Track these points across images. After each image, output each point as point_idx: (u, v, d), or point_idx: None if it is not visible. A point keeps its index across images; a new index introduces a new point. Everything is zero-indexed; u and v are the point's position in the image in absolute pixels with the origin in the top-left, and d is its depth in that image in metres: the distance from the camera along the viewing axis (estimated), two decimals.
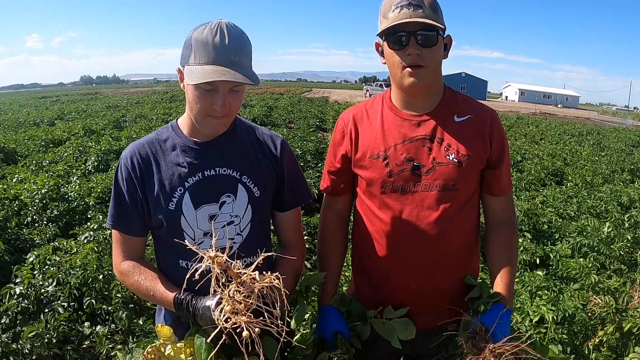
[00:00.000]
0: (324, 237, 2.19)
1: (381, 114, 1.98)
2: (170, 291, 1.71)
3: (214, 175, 1.78)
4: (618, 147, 18.74)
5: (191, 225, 1.76)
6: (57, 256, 4.55)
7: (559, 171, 11.48)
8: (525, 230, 6.26)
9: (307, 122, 19.72)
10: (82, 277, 4.06)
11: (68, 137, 14.08)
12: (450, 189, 1.86)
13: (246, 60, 1.64)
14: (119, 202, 1.78)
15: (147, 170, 1.75)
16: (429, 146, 1.89)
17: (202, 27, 1.62)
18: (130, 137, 12.84)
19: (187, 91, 1.67)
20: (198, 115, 1.67)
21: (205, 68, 1.57)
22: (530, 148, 15.15)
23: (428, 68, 1.80)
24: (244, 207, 1.82)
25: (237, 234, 1.82)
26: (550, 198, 8.21)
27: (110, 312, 3.95)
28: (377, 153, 1.93)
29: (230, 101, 1.64)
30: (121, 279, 1.85)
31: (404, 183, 1.89)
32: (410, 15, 1.74)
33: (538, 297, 4.17)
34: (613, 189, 9.26)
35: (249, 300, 1.39)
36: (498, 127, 1.94)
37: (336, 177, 2.09)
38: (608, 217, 7.08)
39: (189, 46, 1.62)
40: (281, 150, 1.92)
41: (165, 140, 1.81)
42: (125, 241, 1.82)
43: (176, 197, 1.74)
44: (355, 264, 2.19)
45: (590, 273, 4.76)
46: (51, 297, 4.07)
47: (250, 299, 1.39)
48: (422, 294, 1.97)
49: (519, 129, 23.25)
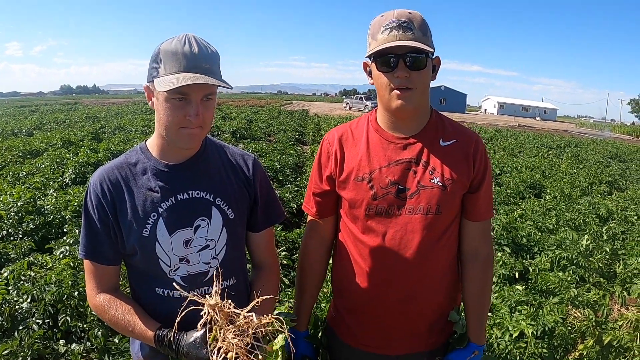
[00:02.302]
0: (304, 263, 2.18)
1: (367, 135, 1.97)
2: (149, 327, 1.66)
3: (187, 199, 1.73)
4: (596, 159, 19.02)
5: (166, 252, 1.70)
6: (32, 271, 4.46)
7: (538, 184, 11.59)
8: (504, 244, 6.29)
9: (287, 135, 19.70)
10: (57, 293, 3.98)
11: (46, 148, 13.87)
12: (435, 212, 1.85)
13: (216, 69, 1.62)
14: (90, 230, 1.71)
15: (119, 196, 1.69)
16: (414, 169, 1.87)
17: (169, 40, 1.60)
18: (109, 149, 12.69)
19: (157, 107, 1.63)
20: (170, 129, 1.62)
21: (177, 75, 1.53)
22: (509, 161, 15.29)
23: (416, 90, 1.79)
24: (219, 230, 1.78)
25: (213, 258, 1.77)
26: (529, 211, 8.27)
27: (86, 329, 3.87)
28: (362, 175, 1.91)
29: (204, 111, 1.60)
30: (97, 313, 1.77)
31: (388, 206, 1.87)
32: (400, 38, 1.73)
33: (517, 312, 4.19)
34: (591, 202, 9.39)
35: (244, 340, 1.36)
36: (482, 151, 1.93)
37: (321, 198, 2.06)
38: (586, 230, 7.16)
39: (157, 59, 1.59)
40: (253, 170, 1.89)
41: (135, 163, 1.75)
42: (98, 272, 1.74)
43: (150, 224, 1.69)
44: (336, 286, 2.17)
45: (569, 286, 4.80)
46: (26, 314, 4.00)
47: (244, 337, 1.36)
48: (402, 318, 1.95)
49: (497, 142, 23.50)
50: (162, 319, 1.68)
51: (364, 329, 2.03)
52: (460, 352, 1.99)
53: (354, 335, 2.07)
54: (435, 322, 2.00)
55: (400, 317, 1.95)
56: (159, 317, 1.70)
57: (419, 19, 1.78)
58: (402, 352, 2.00)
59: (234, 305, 1.41)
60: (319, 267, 2.17)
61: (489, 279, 2.06)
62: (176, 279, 1.72)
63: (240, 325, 1.37)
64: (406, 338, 1.99)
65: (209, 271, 1.74)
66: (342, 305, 2.12)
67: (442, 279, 1.96)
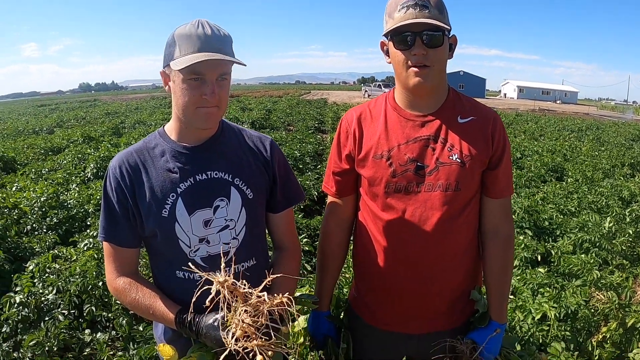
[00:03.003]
0: (325, 243, 2.19)
1: (385, 113, 1.97)
2: (170, 309, 1.68)
3: (205, 179, 1.75)
4: (618, 142, 18.71)
5: (186, 232, 1.72)
6: (57, 264, 4.54)
7: (559, 167, 11.46)
8: (526, 228, 6.23)
9: (306, 124, 19.73)
10: (82, 284, 4.05)
11: (67, 145, 14.05)
12: (454, 189, 1.85)
13: (230, 50, 1.65)
14: (110, 213, 1.74)
15: (137, 178, 1.72)
16: (433, 146, 1.88)
17: (182, 25, 1.63)
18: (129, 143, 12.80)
19: (174, 90, 1.66)
20: (188, 109, 1.65)
21: (193, 55, 1.56)
22: (529, 145, 15.12)
23: (433, 68, 1.79)
24: (238, 210, 1.79)
25: (233, 238, 1.79)
26: (550, 194, 8.19)
27: (111, 319, 3.94)
28: (380, 153, 1.91)
29: (219, 90, 1.63)
30: (117, 296, 1.80)
31: (407, 183, 1.88)
32: (417, 16, 1.72)
33: (540, 295, 4.16)
34: (614, 184, 9.25)
35: (257, 321, 1.38)
36: (500, 128, 1.93)
37: (341, 177, 2.07)
38: (609, 212, 7.06)
39: (172, 43, 1.63)
40: (271, 151, 1.90)
41: (153, 147, 1.78)
42: (118, 254, 1.77)
43: (169, 204, 1.71)
44: (357, 266, 2.18)
45: (592, 269, 4.75)
46: (51, 305, 4.06)
47: (258, 318, 1.37)
48: (422, 296, 1.96)
49: (518, 126, 23.25)
50: (183, 301, 1.69)
51: (384, 309, 2.05)
52: (482, 331, 1.99)
53: (375, 315, 2.08)
54: (456, 301, 2.01)
55: (420, 296, 1.96)
56: (181, 299, 1.72)
57: None
58: (424, 331, 2.01)
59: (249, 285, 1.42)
60: (340, 248, 2.18)
61: (510, 257, 2.05)
62: (196, 259, 1.74)
63: (253, 304, 1.38)
64: (427, 317, 2.00)
65: (229, 252, 1.75)
66: (363, 285, 2.14)
67: (463, 257, 1.96)
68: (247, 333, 1.36)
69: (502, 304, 2.02)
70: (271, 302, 1.38)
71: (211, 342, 1.55)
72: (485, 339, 1.96)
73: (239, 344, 1.37)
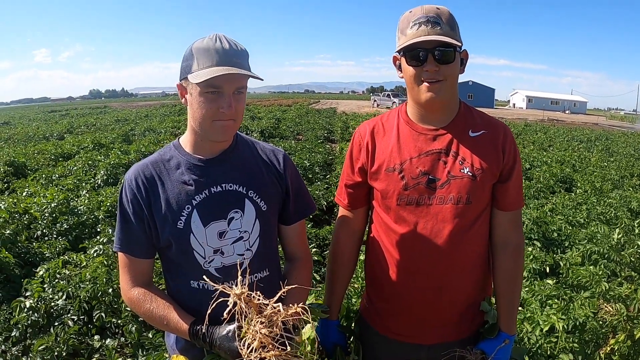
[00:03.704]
0: (336, 253, 2.22)
1: (397, 127, 2.01)
2: (184, 320, 1.70)
3: (220, 191, 1.78)
4: (627, 152, 18.65)
5: (201, 243, 1.75)
6: (67, 270, 4.57)
7: (568, 178, 11.42)
8: (535, 239, 6.22)
9: (315, 133, 19.80)
10: (92, 290, 4.07)
11: (77, 151, 14.16)
12: (465, 202, 1.88)
13: (246, 64, 1.68)
14: (125, 223, 1.77)
15: (153, 190, 1.75)
16: (444, 160, 1.91)
17: (200, 39, 1.67)
18: (139, 150, 12.89)
19: (191, 103, 1.69)
20: (205, 122, 1.67)
21: (211, 69, 1.60)
22: (538, 155, 15.08)
23: (445, 83, 1.83)
24: (252, 222, 1.82)
25: (247, 250, 1.82)
26: (559, 205, 8.16)
27: (120, 325, 3.96)
28: (393, 166, 1.94)
29: (236, 104, 1.66)
30: (131, 307, 1.82)
31: (419, 196, 1.90)
32: (429, 33, 1.77)
33: (548, 306, 4.14)
34: (623, 195, 9.20)
35: (272, 331, 1.39)
36: (511, 141, 1.96)
37: (353, 190, 2.11)
38: (618, 224, 7.02)
39: (190, 56, 1.66)
40: (284, 165, 1.94)
41: (168, 159, 1.80)
42: (132, 265, 1.79)
43: (184, 215, 1.74)
44: (369, 277, 2.21)
45: (600, 281, 4.72)
46: (61, 311, 4.10)
47: (273, 328, 1.39)
48: (433, 307, 1.98)
49: (527, 137, 23.19)
50: (197, 312, 1.72)
51: (395, 318, 2.07)
52: (491, 342, 2.00)
53: (386, 325, 2.10)
54: (466, 312, 2.02)
55: (431, 307, 1.98)
56: (195, 310, 1.74)
57: (446, 14, 1.82)
58: (434, 341, 2.02)
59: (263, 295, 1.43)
60: (350, 258, 2.21)
61: (520, 269, 2.07)
62: (211, 270, 1.76)
63: (268, 315, 1.40)
64: (437, 327, 2.01)
65: (244, 263, 1.76)
66: (374, 295, 2.16)
67: (473, 269, 1.98)
68: (264, 343, 1.38)
69: (511, 315, 2.03)
70: (285, 313, 1.40)
71: (225, 354, 1.57)
72: (494, 349, 1.97)
73: (255, 354, 1.39)
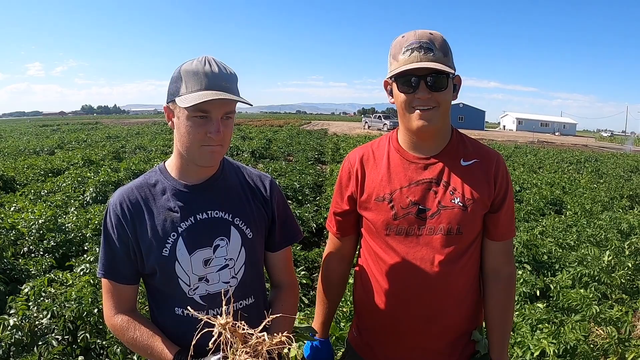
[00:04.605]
0: (326, 279, 2.20)
1: (387, 155, 1.97)
2: (169, 349, 1.66)
3: (206, 218, 1.75)
4: (616, 174, 18.77)
5: (186, 271, 1.71)
6: (53, 288, 4.51)
7: (558, 200, 11.47)
8: (525, 262, 6.22)
9: (306, 154, 19.77)
10: (77, 310, 4.01)
11: (67, 167, 14.10)
12: (455, 232, 1.84)
13: (235, 88, 1.65)
14: (110, 249, 1.73)
15: (138, 216, 1.71)
16: (435, 190, 1.87)
17: (189, 61, 1.64)
18: (129, 168, 12.84)
19: (178, 126, 1.65)
20: (192, 147, 1.64)
21: (199, 93, 1.57)
22: (528, 177, 15.16)
23: (437, 110, 1.79)
24: (238, 250, 1.79)
25: (232, 277, 1.78)
26: (549, 228, 8.18)
27: (105, 346, 3.89)
28: (382, 195, 1.91)
29: (224, 129, 1.63)
30: (115, 334, 1.78)
31: (409, 226, 1.87)
32: (421, 59, 1.73)
33: (539, 330, 4.13)
34: (612, 217, 9.26)
35: None
36: (503, 170, 1.92)
37: (342, 218, 2.08)
38: (608, 246, 7.05)
39: (178, 79, 1.63)
40: (271, 191, 1.91)
41: (154, 184, 1.77)
42: (116, 291, 1.75)
43: (170, 243, 1.70)
44: (357, 305, 2.17)
45: (591, 303, 4.72)
46: (45, 330, 4.03)
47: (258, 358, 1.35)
48: (422, 336, 1.94)
49: (517, 158, 23.31)
50: (181, 339, 1.68)
51: (385, 348, 2.02)
52: None
53: (375, 354, 2.06)
54: (457, 341, 1.98)
55: (421, 337, 1.94)
56: (179, 337, 1.71)
57: (439, 39, 1.78)
58: None
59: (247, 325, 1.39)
60: (340, 282, 2.21)
61: (511, 299, 2.04)
62: (195, 298, 1.73)
63: (253, 345, 1.37)
64: (428, 357, 1.98)
65: (229, 290, 1.73)
66: (363, 325, 2.12)
67: (464, 299, 1.94)
68: None
69: (503, 345, 1.99)
70: (270, 342, 1.37)
71: None
72: None
73: None
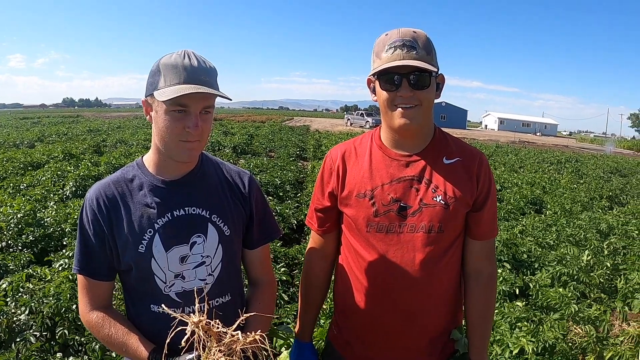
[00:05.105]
0: (308, 277, 2.18)
1: (370, 152, 1.96)
2: (144, 347, 1.64)
3: (183, 215, 1.72)
4: (596, 174, 19.00)
5: (162, 268, 1.69)
6: (31, 284, 4.46)
7: (538, 200, 11.58)
8: (505, 261, 6.26)
9: (288, 151, 19.71)
10: (56, 306, 3.97)
11: (47, 161, 13.91)
12: (437, 231, 1.83)
13: (215, 83, 1.63)
14: (85, 245, 1.70)
15: (115, 211, 1.68)
16: (417, 187, 1.86)
17: (168, 55, 1.62)
18: (110, 162, 12.71)
19: (156, 120, 1.63)
20: (170, 141, 1.62)
21: (178, 87, 1.55)
22: (509, 177, 15.30)
23: (420, 109, 1.78)
24: (215, 247, 1.77)
25: (209, 275, 1.76)
26: (529, 227, 8.26)
27: (83, 343, 3.85)
28: (363, 192, 1.89)
29: (202, 123, 1.61)
30: (90, 330, 1.75)
31: (390, 223, 1.85)
32: (404, 57, 1.72)
33: (518, 329, 4.16)
34: (592, 217, 9.37)
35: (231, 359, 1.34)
36: (486, 169, 1.92)
37: (323, 214, 2.06)
38: (587, 245, 7.14)
39: (156, 72, 1.61)
40: (249, 188, 1.89)
41: (131, 179, 1.74)
42: (92, 287, 1.72)
43: (146, 240, 1.68)
44: (337, 303, 2.15)
45: (570, 302, 4.77)
46: (23, 326, 3.98)
47: (232, 357, 1.34)
48: (402, 335, 1.93)
49: (498, 158, 23.50)
50: (158, 336, 1.66)
51: (365, 346, 2.01)
52: None
53: (355, 352, 2.05)
54: (437, 340, 1.97)
55: (401, 335, 1.93)
56: (155, 334, 1.69)
57: (423, 38, 1.78)
58: None
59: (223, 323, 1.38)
60: (322, 281, 2.17)
61: (492, 298, 2.03)
62: (171, 295, 1.71)
63: (227, 343, 1.35)
64: (407, 356, 1.97)
65: (205, 288, 1.73)
66: (343, 322, 2.10)
67: (444, 298, 1.94)
68: None
69: (483, 345, 1.99)
70: (244, 341, 1.36)
71: None
72: None
73: None
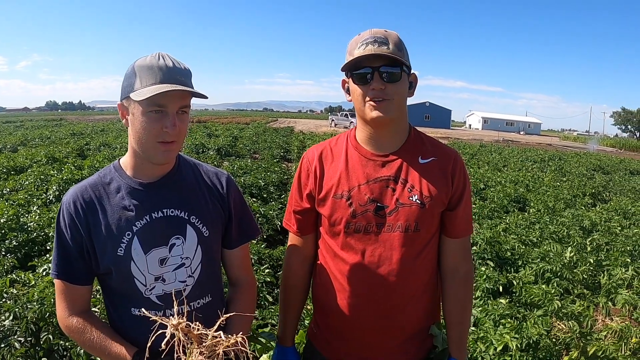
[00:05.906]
0: (288, 279, 2.18)
1: (346, 152, 1.98)
2: (126, 350, 1.64)
3: (161, 217, 1.72)
4: (579, 172, 19.20)
5: (141, 271, 1.69)
6: (15, 289, 4.41)
7: (522, 198, 11.69)
8: (488, 258, 6.31)
9: (272, 152, 19.70)
10: (40, 311, 3.94)
11: (30, 165, 13.76)
12: (413, 230, 1.86)
13: (190, 83, 1.65)
14: (63, 249, 1.69)
15: (93, 215, 1.68)
16: (393, 187, 1.88)
17: (142, 57, 1.63)
18: (93, 166, 12.62)
19: (132, 123, 1.64)
20: (148, 143, 1.62)
21: (155, 87, 1.55)
22: (493, 175, 15.40)
23: (392, 102, 1.80)
24: (194, 248, 1.77)
25: (189, 276, 1.76)
26: (513, 225, 8.33)
27: (68, 347, 3.83)
28: (340, 193, 1.91)
29: (179, 123, 1.61)
30: (70, 336, 1.74)
31: (367, 224, 1.87)
32: (375, 51, 1.75)
33: (501, 326, 4.20)
34: (575, 214, 9.48)
35: None
36: (460, 168, 1.94)
37: (302, 216, 2.06)
38: (570, 242, 7.22)
39: (132, 75, 1.61)
40: (227, 188, 1.89)
41: (108, 182, 1.73)
42: (70, 292, 1.71)
43: (124, 242, 1.67)
44: (316, 302, 2.16)
45: (553, 299, 4.82)
46: (7, 332, 3.94)
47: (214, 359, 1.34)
48: (380, 333, 1.95)
49: (482, 157, 23.64)
50: (139, 340, 1.65)
51: (344, 345, 2.03)
52: None
53: (334, 351, 2.06)
54: (415, 337, 2.00)
55: (380, 333, 1.95)
56: (137, 338, 1.68)
57: (394, 36, 1.81)
58: None
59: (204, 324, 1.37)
60: (302, 284, 2.17)
61: (469, 295, 2.06)
62: (152, 298, 1.70)
63: (208, 345, 1.35)
64: (386, 353, 1.98)
65: (185, 289, 1.73)
66: (322, 321, 2.12)
67: (422, 296, 1.96)
68: None
69: (462, 341, 2.02)
70: (227, 342, 1.36)
71: None
72: None
73: None
